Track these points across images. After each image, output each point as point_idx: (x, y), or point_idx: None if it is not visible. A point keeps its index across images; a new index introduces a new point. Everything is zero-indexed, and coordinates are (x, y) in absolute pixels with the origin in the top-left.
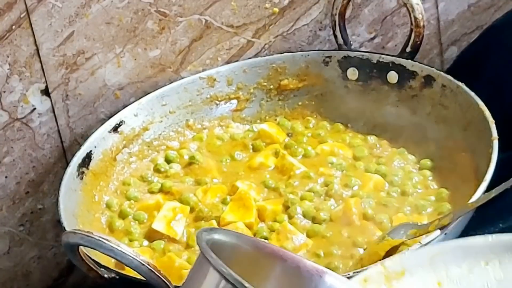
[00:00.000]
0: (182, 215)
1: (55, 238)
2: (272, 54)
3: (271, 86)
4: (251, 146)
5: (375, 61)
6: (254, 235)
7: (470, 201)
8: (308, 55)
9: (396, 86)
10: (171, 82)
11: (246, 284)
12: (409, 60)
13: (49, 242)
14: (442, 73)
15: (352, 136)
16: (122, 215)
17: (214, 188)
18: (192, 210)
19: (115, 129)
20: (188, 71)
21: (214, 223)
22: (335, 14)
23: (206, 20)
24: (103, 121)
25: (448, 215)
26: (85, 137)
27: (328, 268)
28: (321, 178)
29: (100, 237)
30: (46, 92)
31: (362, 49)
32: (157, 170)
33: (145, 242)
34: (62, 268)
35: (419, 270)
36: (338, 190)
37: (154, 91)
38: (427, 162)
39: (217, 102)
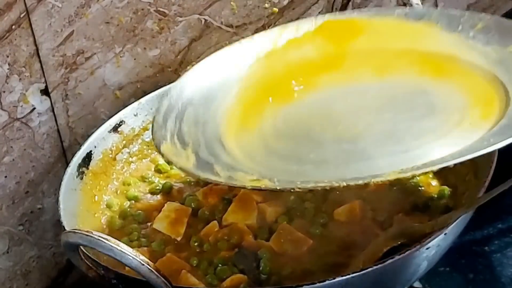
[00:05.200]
0: (183, 215)
1: (55, 237)
2: None
3: None
4: None
5: None
6: (255, 237)
7: (470, 201)
8: None
9: None
10: (171, 82)
11: None
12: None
13: (49, 241)
14: None
15: None
16: (123, 215)
17: (215, 189)
18: (193, 211)
19: (115, 129)
20: (187, 71)
21: (216, 224)
22: None
23: (206, 20)
24: (103, 121)
25: (447, 215)
26: (85, 137)
27: (327, 267)
28: None
29: (99, 236)
30: (45, 92)
31: None
32: (158, 170)
33: (145, 242)
34: (61, 268)
35: None
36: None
37: (153, 90)
38: None
39: None
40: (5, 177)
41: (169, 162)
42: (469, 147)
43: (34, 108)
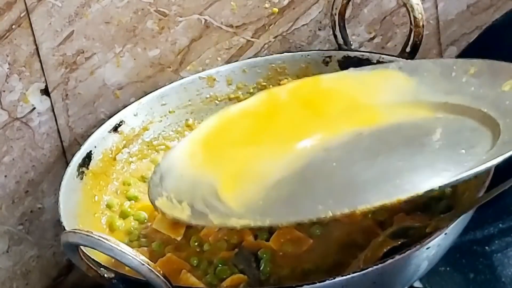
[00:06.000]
0: None
1: (55, 237)
2: (271, 54)
3: (271, 86)
4: None
5: (375, 61)
6: (255, 237)
7: (470, 201)
8: (308, 55)
9: None
10: (171, 82)
11: None
12: (409, 60)
13: (49, 241)
14: None
15: None
16: (123, 215)
17: None
18: None
19: (115, 129)
20: (187, 71)
21: None
22: (335, 14)
23: (206, 20)
24: (103, 121)
25: (447, 215)
26: (85, 137)
27: (328, 267)
28: None
29: (99, 236)
30: (45, 91)
31: (361, 49)
32: None
33: (145, 242)
34: (61, 268)
35: None
36: None
37: (154, 91)
38: None
39: (217, 102)
40: (5, 176)
41: (163, 214)
42: (457, 176)
43: (34, 108)
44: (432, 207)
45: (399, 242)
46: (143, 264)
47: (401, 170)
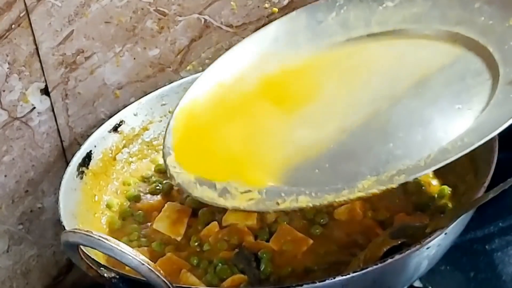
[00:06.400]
0: (183, 216)
1: (54, 237)
2: None
3: None
4: None
5: None
6: (256, 238)
7: (470, 201)
8: None
9: None
10: (171, 82)
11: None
12: None
13: (48, 240)
14: None
15: None
16: (123, 215)
17: None
18: (193, 211)
19: (115, 128)
20: (187, 71)
21: (216, 225)
22: None
23: (206, 20)
24: (103, 121)
25: (447, 215)
26: (84, 136)
27: (328, 267)
28: None
29: (99, 236)
30: (45, 91)
31: None
32: (158, 170)
33: (145, 242)
34: (61, 267)
35: None
36: None
37: (153, 90)
38: None
39: None
40: (5, 176)
41: (170, 177)
42: (443, 150)
43: (34, 108)
44: (432, 207)
45: (399, 242)
46: (143, 264)
47: (396, 129)
